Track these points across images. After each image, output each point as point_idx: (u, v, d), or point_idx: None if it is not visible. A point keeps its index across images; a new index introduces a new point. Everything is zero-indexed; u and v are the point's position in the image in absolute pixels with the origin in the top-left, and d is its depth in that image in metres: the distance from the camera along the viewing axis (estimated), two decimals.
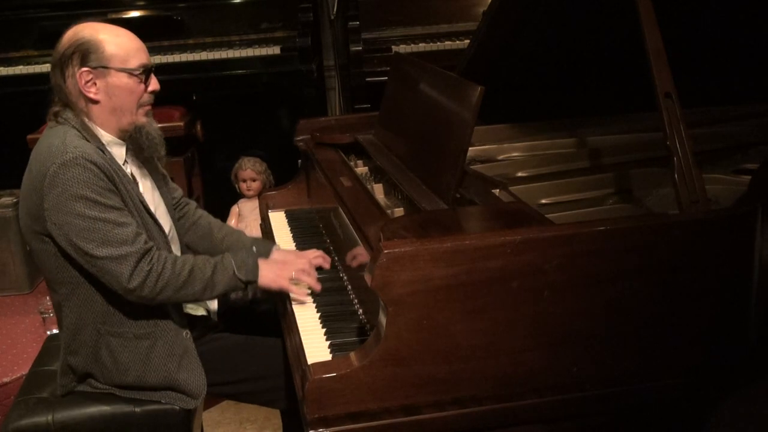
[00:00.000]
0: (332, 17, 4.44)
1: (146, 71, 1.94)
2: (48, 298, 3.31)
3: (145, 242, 1.86)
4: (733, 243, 1.63)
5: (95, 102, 1.90)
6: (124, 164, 1.97)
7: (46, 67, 3.94)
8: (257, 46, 3.98)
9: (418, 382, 1.53)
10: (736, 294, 1.65)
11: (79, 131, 1.88)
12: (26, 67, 3.95)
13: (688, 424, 1.76)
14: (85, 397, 1.98)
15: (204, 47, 4.00)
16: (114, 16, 3.99)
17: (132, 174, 2.00)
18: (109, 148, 1.93)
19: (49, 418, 1.94)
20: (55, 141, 1.84)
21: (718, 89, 2.47)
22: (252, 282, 1.96)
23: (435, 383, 1.54)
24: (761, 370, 1.73)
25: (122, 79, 1.89)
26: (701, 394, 1.71)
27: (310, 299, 2.00)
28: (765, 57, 2.39)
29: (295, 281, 2.01)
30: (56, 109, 1.92)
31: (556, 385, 1.59)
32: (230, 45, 4.02)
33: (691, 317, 1.64)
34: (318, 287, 2.00)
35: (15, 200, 3.53)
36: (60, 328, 2.00)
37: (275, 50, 3.95)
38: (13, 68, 3.95)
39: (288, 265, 2.02)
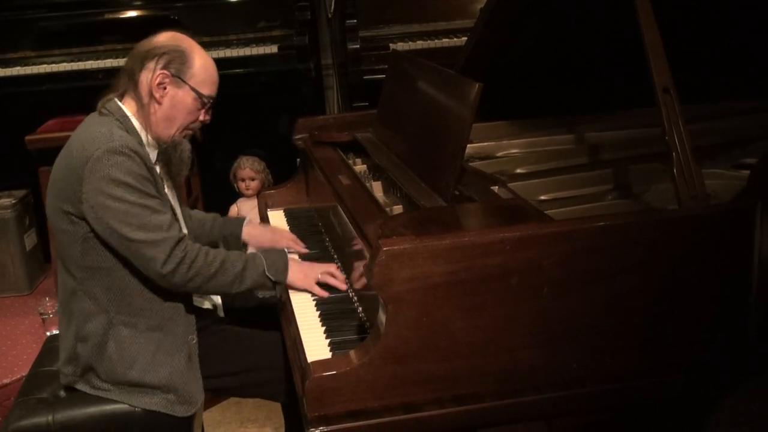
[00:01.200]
0: (330, 15, 4.42)
1: (211, 103, 2.04)
2: (47, 299, 3.31)
3: (179, 231, 1.93)
4: (733, 238, 1.63)
5: (157, 102, 1.97)
6: (155, 164, 2.03)
7: (44, 69, 3.94)
8: (255, 45, 3.97)
9: (418, 379, 1.53)
10: (736, 290, 1.65)
11: (121, 124, 1.94)
12: (24, 68, 3.93)
13: (688, 422, 1.76)
14: (85, 397, 1.98)
15: (201, 46, 3.98)
16: (111, 16, 3.97)
17: (160, 175, 2.05)
18: (146, 148, 1.99)
19: (50, 418, 1.94)
20: (101, 129, 1.90)
21: (716, 85, 2.47)
22: (280, 282, 2.02)
23: (435, 381, 1.54)
24: (761, 367, 1.72)
25: (189, 98, 1.99)
26: (701, 391, 1.71)
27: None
28: (764, 53, 2.39)
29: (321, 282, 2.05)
30: (111, 96, 1.99)
31: (556, 382, 1.59)
32: (228, 44, 4.00)
33: (691, 313, 1.63)
34: (344, 287, 2.03)
35: (14, 201, 3.51)
36: (69, 316, 1.99)
37: (273, 49, 3.93)
38: (10, 69, 3.93)
39: (315, 266, 2.09)
